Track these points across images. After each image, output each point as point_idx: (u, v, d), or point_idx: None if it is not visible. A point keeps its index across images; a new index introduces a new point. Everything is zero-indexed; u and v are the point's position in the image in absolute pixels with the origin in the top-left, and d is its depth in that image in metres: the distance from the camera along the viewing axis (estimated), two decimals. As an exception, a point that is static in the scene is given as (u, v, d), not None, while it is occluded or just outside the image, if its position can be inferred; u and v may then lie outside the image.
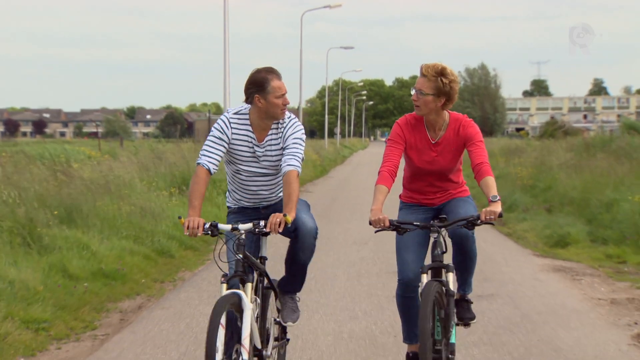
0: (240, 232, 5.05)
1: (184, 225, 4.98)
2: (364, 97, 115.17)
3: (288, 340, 5.82)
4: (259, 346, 5.15)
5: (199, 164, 5.24)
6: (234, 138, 5.36)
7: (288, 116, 5.42)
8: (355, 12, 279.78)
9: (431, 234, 5.28)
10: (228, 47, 21.60)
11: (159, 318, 7.83)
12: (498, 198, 5.06)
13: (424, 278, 5.22)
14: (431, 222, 5.31)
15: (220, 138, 5.32)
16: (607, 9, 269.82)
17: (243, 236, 5.04)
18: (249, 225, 5.08)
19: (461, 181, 5.65)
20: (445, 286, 5.24)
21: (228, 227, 5.08)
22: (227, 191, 5.68)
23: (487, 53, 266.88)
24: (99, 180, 13.29)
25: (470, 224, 5.17)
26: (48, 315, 7.45)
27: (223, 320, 4.64)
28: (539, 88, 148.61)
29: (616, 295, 9.08)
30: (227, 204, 5.69)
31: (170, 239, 11.67)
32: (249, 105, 5.36)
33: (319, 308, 8.17)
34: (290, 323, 5.58)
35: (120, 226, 11.31)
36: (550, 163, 22.05)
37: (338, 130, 79.82)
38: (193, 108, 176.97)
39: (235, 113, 5.40)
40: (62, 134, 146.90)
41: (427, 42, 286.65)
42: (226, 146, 5.35)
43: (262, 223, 5.04)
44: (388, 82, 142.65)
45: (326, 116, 63.63)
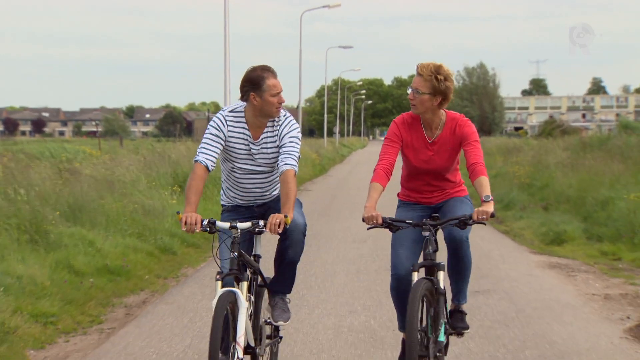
0: (238, 231, 5.00)
1: (182, 221, 4.94)
2: (363, 96, 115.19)
3: (281, 338, 5.79)
4: (252, 344, 5.14)
5: (197, 161, 5.22)
6: (230, 136, 5.35)
7: (283, 114, 5.40)
8: (354, 12, 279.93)
9: (423, 232, 5.24)
10: (229, 46, 21.54)
11: (163, 312, 8.01)
12: (491, 198, 5.06)
13: (415, 276, 5.19)
14: (424, 221, 5.27)
15: (217, 135, 5.30)
16: (607, 9, 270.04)
17: (239, 234, 5.00)
18: (248, 224, 5.05)
19: (458, 180, 5.64)
20: (435, 284, 5.20)
21: (226, 225, 5.03)
22: (222, 189, 5.67)
23: (486, 52, 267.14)
24: (103, 178, 13.48)
25: (462, 223, 5.14)
26: (56, 309, 7.64)
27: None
28: (538, 87, 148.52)
29: (610, 290, 9.24)
30: (222, 202, 5.68)
31: (172, 237, 11.84)
32: (244, 103, 5.35)
33: (319, 303, 8.33)
34: (281, 322, 5.51)
35: (124, 224, 11.50)
36: (547, 162, 22.19)
37: (337, 129, 79.73)
38: (192, 107, 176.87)
39: (230, 111, 5.39)
40: (61, 133, 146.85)
41: (426, 42, 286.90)
42: (223, 143, 5.32)
43: (262, 223, 5.01)
44: (387, 82, 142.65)
45: (325, 115, 63.60)
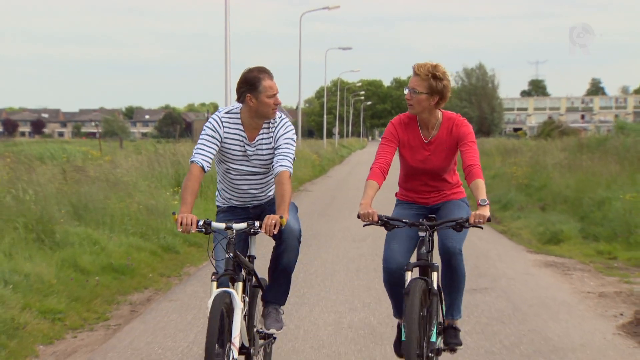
0: (233, 232, 5.00)
1: (177, 221, 4.94)
2: (362, 97, 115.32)
3: (274, 338, 5.78)
4: (247, 344, 5.15)
5: (193, 162, 5.22)
6: (226, 137, 5.35)
7: (279, 116, 5.41)
8: (354, 12, 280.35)
9: (419, 232, 5.23)
10: (229, 46, 21.58)
11: (167, 309, 8.18)
12: (487, 202, 5.08)
13: (408, 275, 5.17)
14: (420, 221, 5.26)
15: (212, 136, 5.31)
16: (606, 9, 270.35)
17: (234, 235, 5.01)
18: (243, 225, 5.04)
19: (456, 181, 5.64)
20: (429, 285, 5.19)
21: (222, 226, 5.03)
22: (217, 190, 5.68)
23: (486, 53, 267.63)
24: (107, 178, 13.66)
25: (458, 226, 5.14)
26: (63, 306, 7.82)
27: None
28: (537, 88, 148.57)
29: (605, 288, 9.41)
30: (217, 203, 5.69)
31: (175, 236, 12.00)
32: (240, 104, 5.36)
33: (320, 301, 8.49)
34: (273, 330, 5.46)
35: (127, 223, 11.69)
36: (545, 163, 22.35)
37: (336, 130, 79.85)
38: (191, 108, 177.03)
39: (226, 112, 5.39)
40: (61, 134, 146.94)
41: (425, 42, 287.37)
42: (219, 144, 5.33)
43: (257, 224, 5.02)
44: (386, 83, 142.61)
45: (324, 116, 63.68)
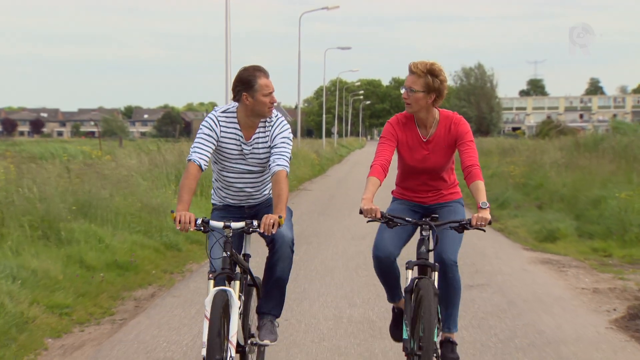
0: (231, 230, 5.01)
1: (176, 219, 4.95)
2: (361, 97, 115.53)
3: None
4: (242, 343, 5.18)
5: (190, 160, 5.22)
6: (222, 136, 5.36)
7: (275, 115, 5.42)
8: (353, 12, 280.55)
9: (423, 232, 5.23)
10: (229, 46, 21.59)
11: (171, 305, 8.38)
12: (488, 205, 5.09)
13: (409, 274, 5.18)
14: (423, 220, 5.27)
15: (209, 135, 5.31)
16: (606, 9, 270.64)
17: (231, 234, 5.01)
18: (242, 224, 5.05)
19: (453, 180, 5.65)
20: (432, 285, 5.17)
21: (220, 225, 5.03)
22: (213, 189, 5.70)
23: (485, 53, 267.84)
24: (111, 177, 13.86)
25: (461, 227, 5.16)
26: (70, 301, 8.03)
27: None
28: (536, 87, 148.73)
29: (599, 285, 9.61)
30: (212, 201, 5.70)
31: (177, 234, 12.17)
32: (236, 103, 5.38)
33: (320, 297, 8.69)
34: (267, 342, 5.42)
35: (131, 221, 11.88)
36: (542, 162, 22.54)
37: (335, 129, 79.98)
38: (190, 107, 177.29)
39: (223, 112, 5.40)
40: (60, 134, 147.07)
41: (425, 42, 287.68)
42: (215, 143, 5.33)
43: (256, 223, 5.02)
44: (385, 82, 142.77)
45: (324, 116, 63.69)
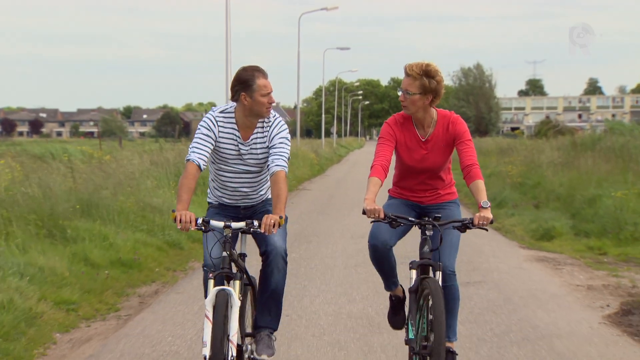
0: (231, 230, 5.03)
1: (176, 219, 4.94)
2: (360, 97, 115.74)
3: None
4: (239, 342, 5.17)
5: (189, 160, 5.22)
6: (220, 136, 5.36)
7: (273, 115, 5.41)
8: (352, 12, 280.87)
9: (426, 231, 5.25)
10: (230, 46, 21.76)
11: (175, 301, 8.57)
12: (489, 205, 5.11)
13: (413, 274, 5.22)
14: (426, 219, 5.28)
15: (207, 135, 5.31)
16: (606, 9, 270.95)
17: (230, 234, 5.02)
18: (242, 224, 5.07)
19: (449, 180, 5.66)
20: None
21: (220, 225, 5.04)
22: (209, 188, 5.72)
23: (485, 53, 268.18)
24: (113, 177, 14.06)
25: (463, 227, 5.18)
26: (76, 297, 8.25)
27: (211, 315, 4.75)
28: (534, 87, 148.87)
29: (593, 282, 9.80)
30: (208, 200, 5.73)
31: (179, 233, 12.36)
32: (234, 103, 5.37)
33: (320, 293, 8.88)
34: (264, 357, 5.36)
35: (134, 220, 12.09)
36: (539, 161, 22.72)
37: (334, 129, 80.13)
38: (189, 107, 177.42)
39: (220, 112, 5.39)
40: (59, 134, 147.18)
41: (425, 42, 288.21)
42: (213, 143, 5.33)
43: (256, 223, 5.03)
44: (384, 82, 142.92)
45: (322, 116, 63.82)
